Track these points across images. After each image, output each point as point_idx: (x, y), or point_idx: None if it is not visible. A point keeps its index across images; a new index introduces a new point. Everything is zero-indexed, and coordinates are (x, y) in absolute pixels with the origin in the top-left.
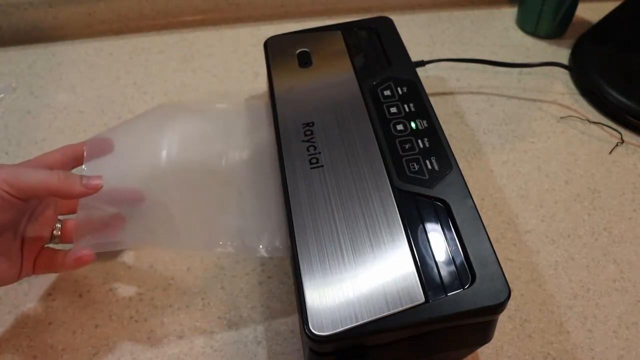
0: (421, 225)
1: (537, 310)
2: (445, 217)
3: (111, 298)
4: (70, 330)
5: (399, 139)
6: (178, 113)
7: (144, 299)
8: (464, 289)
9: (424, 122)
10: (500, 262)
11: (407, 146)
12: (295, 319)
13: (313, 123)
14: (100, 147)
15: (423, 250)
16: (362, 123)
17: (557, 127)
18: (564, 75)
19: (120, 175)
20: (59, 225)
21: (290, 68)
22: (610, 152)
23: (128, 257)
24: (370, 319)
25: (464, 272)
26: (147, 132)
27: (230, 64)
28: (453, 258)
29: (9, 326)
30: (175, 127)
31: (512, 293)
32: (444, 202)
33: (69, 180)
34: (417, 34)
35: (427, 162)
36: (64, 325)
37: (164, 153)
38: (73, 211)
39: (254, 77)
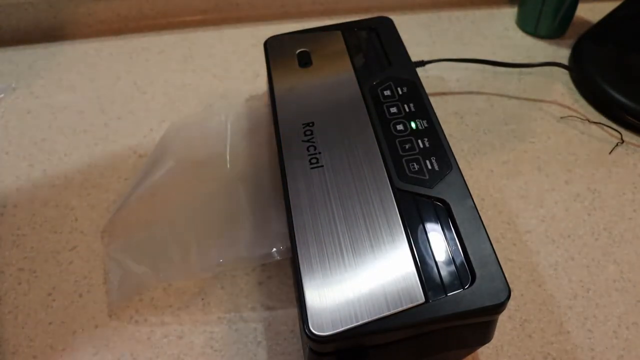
0: (421, 225)
1: (537, 310)
2: (445, 217)
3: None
4: (70, 330)
5: (399, 139)
6: (186, 127)
7: (144, 299)
8: (464, 289)
9: (424, 122)
10: (500, 262)
11: (407, 146)
12: (295, 319)
13: (313, 123)
14: None
15: (423, 250)
16: (362, 123)
17: (557, 127)
18: (564, 75)
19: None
20: None
21: (290, 68)
22: (610, 152)
23: None
24: (370, 319)
25: (464, 272)
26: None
27: (230, 64)
28: (453, 258)
29: (9, 326)
30: (181, 141)
31: (512, 293)
32: (444, 202)
33: None
34: (417, 34)
35: (427, 162)
36: (64, 325)
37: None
38: None
39: (254, 77)
